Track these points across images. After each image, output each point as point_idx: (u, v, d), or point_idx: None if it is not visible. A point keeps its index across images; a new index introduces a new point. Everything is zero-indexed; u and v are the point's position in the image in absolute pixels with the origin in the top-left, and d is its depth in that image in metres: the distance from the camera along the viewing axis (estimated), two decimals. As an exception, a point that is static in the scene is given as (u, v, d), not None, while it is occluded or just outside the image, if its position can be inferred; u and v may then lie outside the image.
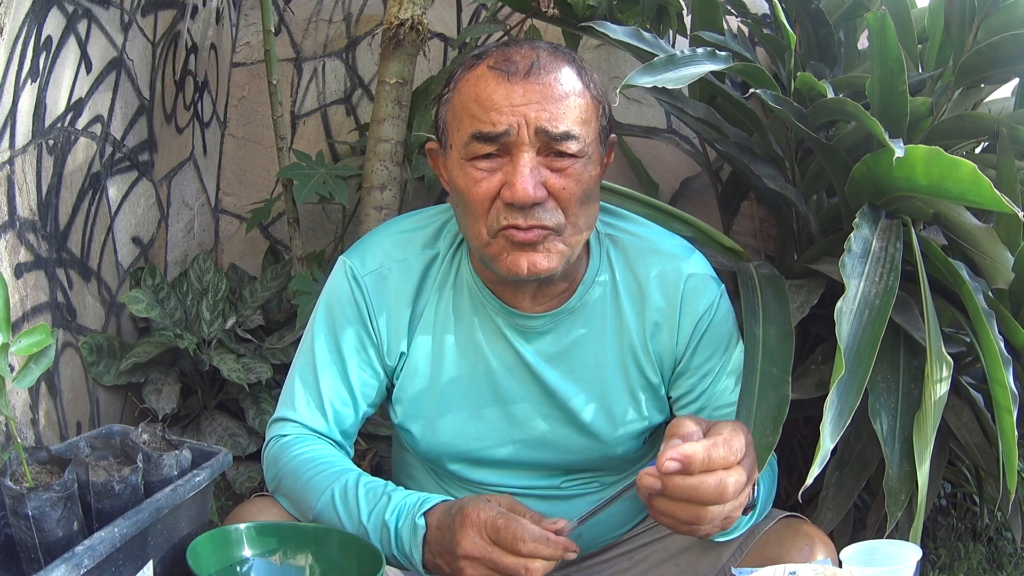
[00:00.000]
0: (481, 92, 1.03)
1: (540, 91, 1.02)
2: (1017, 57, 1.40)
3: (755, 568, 1.05)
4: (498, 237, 1.05)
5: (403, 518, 1.02)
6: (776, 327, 1.21)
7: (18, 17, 1.42)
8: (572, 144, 1.03)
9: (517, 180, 1.01)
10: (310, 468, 1.11)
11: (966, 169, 1.12)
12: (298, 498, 1.10)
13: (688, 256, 1.20)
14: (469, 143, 1.04)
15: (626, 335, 1.17)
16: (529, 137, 1.01)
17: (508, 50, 1.06)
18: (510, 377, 1.17)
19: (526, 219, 1.03)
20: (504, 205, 1.03)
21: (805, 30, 1.74)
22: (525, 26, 2.02)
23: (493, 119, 1.01)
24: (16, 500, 0.91)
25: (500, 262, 1.06)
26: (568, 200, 1.04)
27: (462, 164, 1.06)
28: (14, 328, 1.44)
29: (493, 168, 1.04)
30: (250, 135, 2.34)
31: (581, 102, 1.04)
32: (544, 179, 1.03)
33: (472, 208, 1.05)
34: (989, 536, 1.97)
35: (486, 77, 1.04)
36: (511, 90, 1.02)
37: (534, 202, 1.01)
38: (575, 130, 1.03)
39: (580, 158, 1.04)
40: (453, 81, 1.08)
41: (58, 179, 1.62)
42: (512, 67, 1.03)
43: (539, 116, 1.01)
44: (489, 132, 1.02)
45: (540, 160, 1.03)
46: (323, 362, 1.18)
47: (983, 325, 1.18)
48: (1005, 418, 1.16)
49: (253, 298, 2.08)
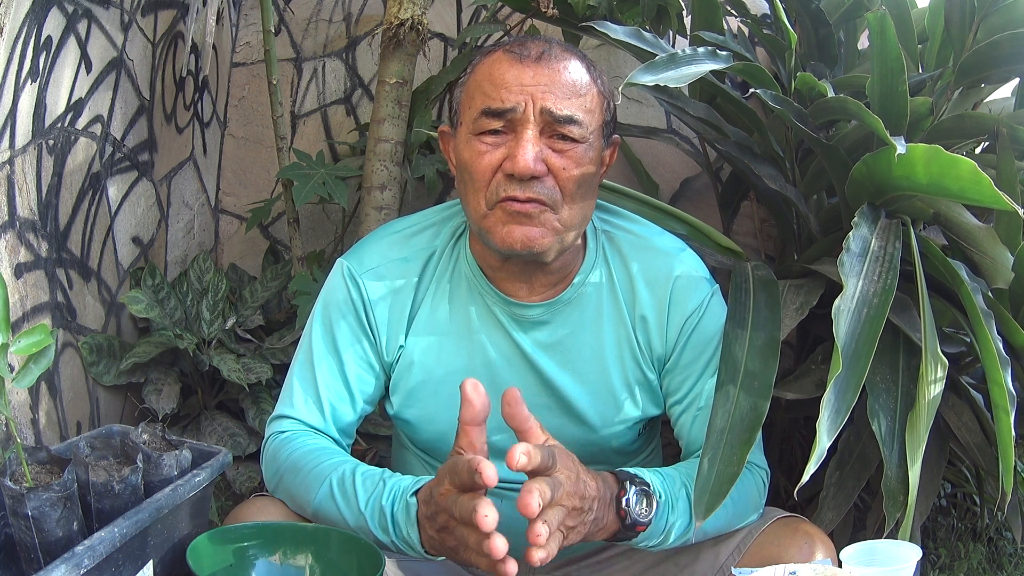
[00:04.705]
0: (494, 72, 1.10)
1: (549, 75, 1.08)
2: (1017, 57, 1.40)
3: (755, 568, 1.05)
4: (495, 208, 1.09)
5: (397, 500, 1.02)
6: (764, 335, 1.18)
7: (18, 17, 1.42)
8: (574, 128, 1.08)
9: (519, 152, 1.06)
10: (308, 461, 1.11)
11: (966, 167, 1.12)
12: (297, 492, 1.11)
13: (679, 254, 1.22)
14: (478, 118, 1.09)
15: (622, 328, 1.19)
16: (534, 115, 1.07)
17: (525, 39, 1.13)
18: (507, 366, 1.18)
19: (524, 191, 1.07)
20: (504, 177, 1.08)
21: (805, 30, 1.74)
22: (525, 26, 2.02)
23: (502, 96, 1.07)
24: (16, 500, 0.91)
25: (495, 234, 1.10)
26: (566, 180, 1.08)
27: (470, 138, 1.11)
28: (14, 328, 1.44)
29: (498, 143, 1.09)
30: (250, 135, 2.34)
31: (587, 93, 1.10)
32: (545, 156, 1.08)
33: (474, 179, 1.10)
34: (989, 536, 1.97)
35: (500, 59, 1.10)
36: (522, 71, 1.08)
37: (533, 175, 1.06)
38: (578, 115, 1.08)
39: (581, 143, 1.09)
40: (470, 67, 1.15)
41: (58, 179, 1.62)
42: (525, 51, 1.10)
43: (545, 97, 1.07)
44: (498, 108, 1.07)
45: (543, 140, 1.08)
46: (321, 360, 1.19)
47: (982, 325, 1.18)
48: (1002, 418, 1.16)
49: (253, 298, 2.08)
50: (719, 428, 1.08)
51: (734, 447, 1.06)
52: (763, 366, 1.13)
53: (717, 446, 1.06)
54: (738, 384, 1.11)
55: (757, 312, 1.22)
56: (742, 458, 1.04)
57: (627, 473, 1.05)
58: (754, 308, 1.24)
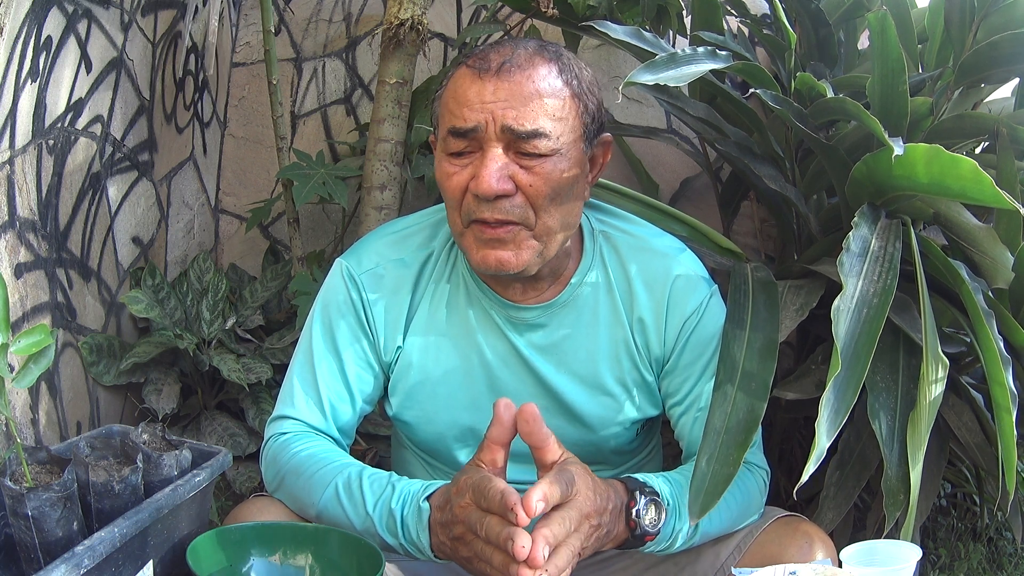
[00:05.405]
0: (458, 89, 1.07)
1: (508, 89, 1.04)
2: (1017, 57, 1.40)
3: (755, 568, 1.05)
4: (471, 227, 1.08)
5: (408, 504, 1.02)
6: (762, 336, 1.18)
7: (18, 17, 1.42)
8: (540, 142, 1.05)
9: (482, 172, 1.04)
10: (312, 464, 1.11)
11: (966, 166, 1.12)
12: (300, 495, 1.11)
13: (678, 255, 1.21)
14: (446, 138, 1.08)
15: (619, 330, 1.19)
16: (496, 134, 1.04)
17: (488, 49, 1.09)
18: (504, 369, 1.18)
19: (492, 212, 1.06)
20: (473, 197, 1.06)
21: (805, 30, 1.74)
22: (525, 26, 2.02)
23: (465, 115, 1.05)
24: (16, 500, 0.91)
25: (472, 255, 1.10)
26: (536, 197, 1.06)
27: (441, 157, 1.10)
28: (14, 328, 1.44)
29: (465, 163, 1.08)
30: (250, 135, 2.34)
31: (555, 100, 1.06)
32: (512, 173, 1.05)
33: (448, 199, 1.10)
34: (989, 536, 1.97)
35: (464, 75, 1.08)
36: (483, 87, 1.05)
37: (498, 195, 1.04)
38: (546, 127, 1.05)
39: (550, 156, 1.06)
40: (445, 79, 1.12)
41: (58, 179, 1.62)
42: (485, 64, 1.06)
43: (506, 114, 1.04)
44: (460, 127, 1.05)
45: (510, 156, 1.06)
46: (320, 360, 1.19)
47: (982, 325, 1.18)
48: (1004, 418, 1.16)
49: (253, 298, 2.08)
50: (716, 428, 1.07)
51: (731, 448, 1.05)
52: (761, 367, 1.13)
53: (714, 446, 1.06)
54: (736, 384, 1.11)
55: (756, 314, 1.22)
56: (738, 459, 1.04)
57: (636, 482, 1.05)
58: (753, 310, 1.23)
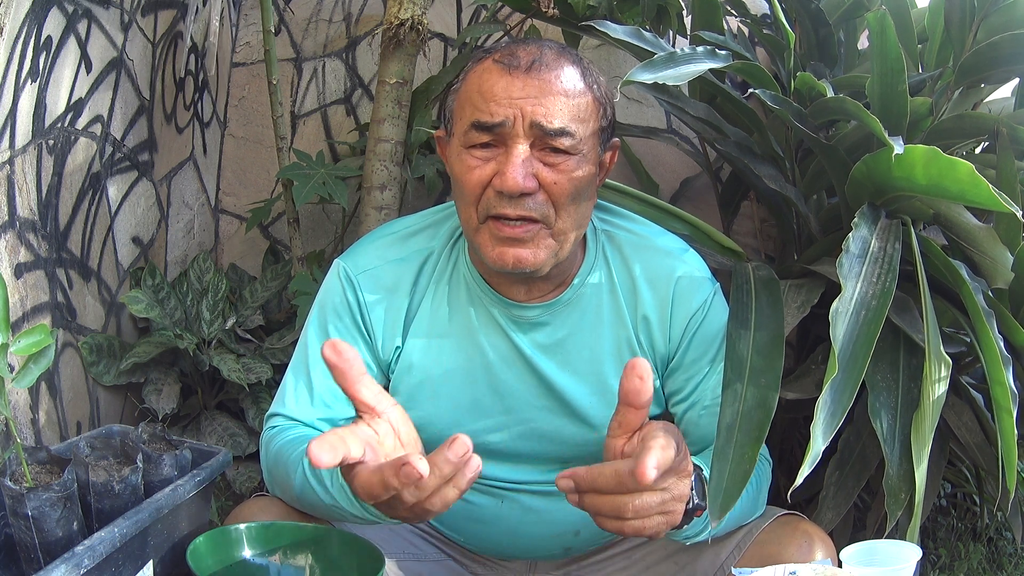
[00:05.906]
0: (484, 83, 1.06)
1: (539, 86, 1.04)
2: (1017, 57, 1.40)
3: (755, 568, 1.05)
4: (487, 223, 1.07)
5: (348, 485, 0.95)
6: (767, 334, 1.18)
7: (18, 17, 1.42)
8: (566, 140, 1.05)
9: (508, 169, 1.03)
10: (288, 449, 1.11)
11: (964, 169, 1.12)
12: (284, 482, 1.10)
13: (682, 254, 1.21)
14: (468, 131, 1.07)
15: (622, 329, 1.19)
16: (524, 129, 1.04)
17: (515, 46, 1.09)
18: (506, 368, 1.18)
19: (514, 208, 1.05)
20: (495, 193, 1.06)
21: (805, 30, 1.74)
22: (525, 26, 2.02)
23: (492, 109, 1.04)
24: (16, 500, 0.91)
25: (487, 253, 1.09)
26: (558, 195, 1.06)
27: (460, 151, 1.09)
28: (14, 328, 1.44)
29: (488, 157, 1.06)
30: (250, 135, 2.34)
31: (580, 101, 1.06)
32: (536, 171, 1.05)
33: (465, 194, 1.08)
34: (989, 536, 1.97)
35: (490, 70, 1.07)
36: (511, 83, 1.04)
37: (522, 192, 1.04)
38: (570, 127, 1.05)
39: (573, 155, 1.06)
40: (463, 73, 1.12)
41: (58, 179, 1.62)
42: (515, 61, 1.06)
43: (535, 111, 1.03)
44: (487, 121, 1.04)
45: (535, 153, 1.05)
46: (316, 360, 1.19)
47: (983, 325, 1.18)
48: (1005, 418, 1.16)
49: (253, 298, 2.08)
50: (728, 426, 1.06)
51: (744, 446, 1.05)
52: (769, 363, 1.12)
53: (728, 445, 1.05)
54: (745, 381, 1.10)
55: (760, 311, 1.22)
56: (753, 456, 1.03)
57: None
58: (756, 308, 1.23)
